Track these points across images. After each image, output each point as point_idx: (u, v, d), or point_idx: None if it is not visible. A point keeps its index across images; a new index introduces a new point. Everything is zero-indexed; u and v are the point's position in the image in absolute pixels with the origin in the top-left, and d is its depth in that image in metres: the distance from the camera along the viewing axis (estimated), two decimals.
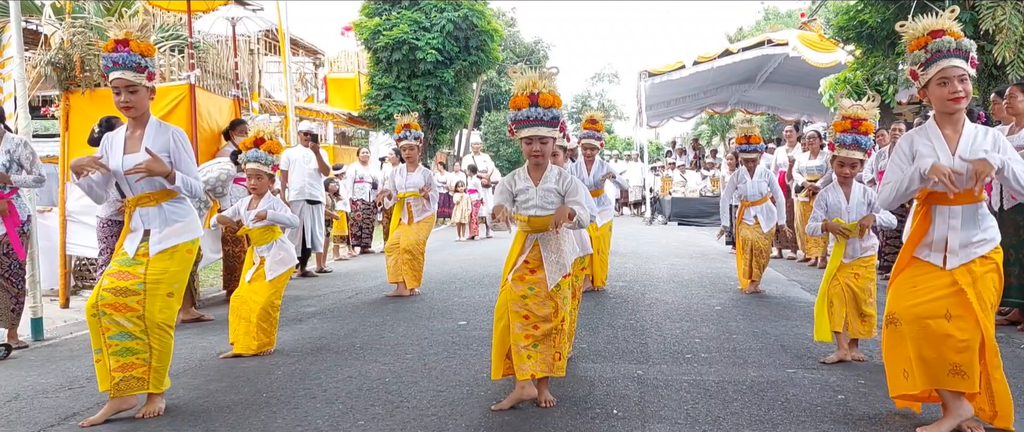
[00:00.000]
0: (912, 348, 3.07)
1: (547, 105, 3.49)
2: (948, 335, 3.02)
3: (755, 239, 6.81)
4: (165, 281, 3.55)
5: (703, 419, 3.38)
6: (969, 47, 3.04)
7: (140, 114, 3.61)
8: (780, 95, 20.23)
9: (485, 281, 7.85)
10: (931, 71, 3.07)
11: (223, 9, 9.67)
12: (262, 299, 4.74)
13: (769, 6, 30.95)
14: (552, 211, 3.54)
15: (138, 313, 3.46)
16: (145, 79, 3.56)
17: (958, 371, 3.01)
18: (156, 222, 3.60)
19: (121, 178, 3.60)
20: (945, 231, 3.09)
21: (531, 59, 31.10)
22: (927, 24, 3.10)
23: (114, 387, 3.49)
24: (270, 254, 4.85)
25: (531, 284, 3.55)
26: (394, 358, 4.62)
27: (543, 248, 3.57)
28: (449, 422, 3.40)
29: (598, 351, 4.69)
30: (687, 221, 16.43)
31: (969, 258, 3.06)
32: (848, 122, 4.33)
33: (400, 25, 17.57)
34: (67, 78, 6.80)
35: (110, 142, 3.66)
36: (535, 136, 3.53)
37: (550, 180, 3.59)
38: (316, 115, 16.83)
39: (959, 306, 3.03)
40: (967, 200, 3.06)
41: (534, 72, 3.58)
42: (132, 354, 3.48)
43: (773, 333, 5.16)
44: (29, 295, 5.43)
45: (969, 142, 3.07)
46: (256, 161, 4.80)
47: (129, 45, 3.51)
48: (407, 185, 7.03)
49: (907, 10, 8.43)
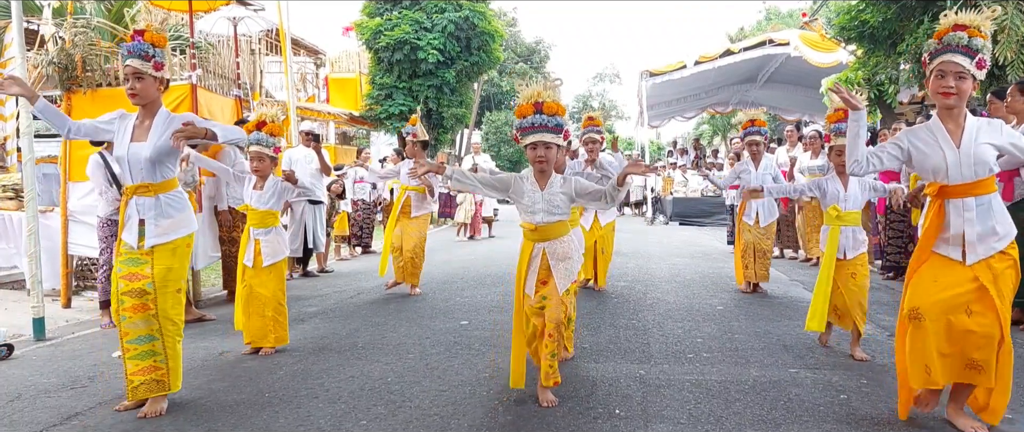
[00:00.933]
0: (933, 343, 3.07)
1: (551, 112, 3.59)
2: (969, 331, 3.02)
3: (756, 241, 6.79)
4: (172, 279, 3.63)
5: (705, 419, 3.38)
6: (980, 47, 3.04)
7: (147, 102, 3.66)
8: (781, 95, 20.22)
9: (487, 281, 7.85)
10: (934, 62, 3.12)
11: (224, 9, 9.68)
12: (269, 291, 4.82)
13: (770, 6, 30.97)
14: (560, 217, 3.66)
15: (152, 312, 3.55)
16: (152, 68, 3.61)
17: (975, 366, 3.02)
18: (151, 212, 3.63)
19: (124, 164, 3.65)
20: (961, 224, 3.10)
21: (532, 59, 31.12)
22: (958, 18, 3.11)
23: (132, 390, 3.58)
24: (267, 239, 4.89)
25: (544, 295, 3.65)
26: (396, 358, 4.63)
27: (551, 257, 3.65)
28: (451, 422, 3.40)
29: (600, 351, 4.69)
30: (688, 221, 16.42)
31: (989, 253, 3.07)
32: (842, 112, 4.48)
33: (401, 25, 17.58)
34: (69, 78, 6.80)
35: (121, 127, 3.69)
36: (540, 142, 3.60)
37: (556, 185, 3.67)
38: (317, 115, 16.84)
39: (979, 302, 3.04)
40: (980, 191, 3.08)
41: (539, 83, 3.71)
42: (152, 356, 3.58)
43: (775, 333, 5.16)
44: (31, 295, 5.43)
45: (972, 134, 3.09)
46: (258, 143, 4.84)
47: (143, 35, 3.64)
48: (410, 178, 7.11)
49: (909, 10, 8.45)
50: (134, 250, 3.60)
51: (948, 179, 3.11)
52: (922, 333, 3.11)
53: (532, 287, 3.67)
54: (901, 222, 7.43)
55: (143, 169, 3.62)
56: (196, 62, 6.92)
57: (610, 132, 39.19)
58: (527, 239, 3.73)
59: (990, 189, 3.11)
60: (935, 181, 3.17)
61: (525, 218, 3.72)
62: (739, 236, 7.01)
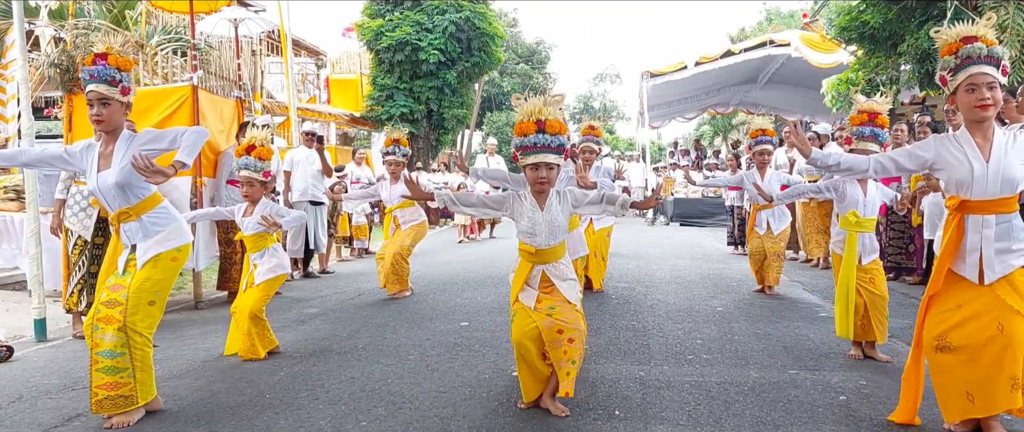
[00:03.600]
0: (981, 371, 2.98)
1: (554, 132, 3.42)
2: (1006, 346, 2.94)
3: (767, 246, 6.78)
4: (147, 290, 3.50)
5: (705, 420, 3.39)
6: (1001, 54, 3.00)
7: (112, 128, 3.56)
8: (782, 96, 20.21)
9: (487, 282, 7.85)
10: (960, 77, 3.03)
11: (226, 10, 9.70)
12: (249, 303, 4.72)
13: (771, 7, 30.94)
14: (561, 239, 3.54)
15: (119, 324, 3.42)
16: (119, 94, 3.52)
17: (1016, 385, 2.92)
18: (139, 236, 3.57)
19: (98, 195, 3.57)
20: (978, 241, 3.04)
21: (533, 60, 31.11)
22: (961, 30, 3.06)
23: (96, 403, 3.44)
24: (263, 261, 4.87)
25: (551, 304, 3.48)
26: (396, 359, 4.63)
27: (552, 277, 3.53)
28: (452, 423, 3.41)
29: (600, 352, 4.69)
30: (689, 222, 16.42)
31: (1007, 270, 3.01)
32: (865, 115, 4.43)
33: (402, 26, 17.60)
34: (70, 79, 6.81)
35: (87, 158, 3.59)
36: (541, 163, 3.44)
37: (553, 207, 3.52)
38: (318, 116, 16.85)
39: (1007, 317, 2.96)
40: (1003, 209, 3.02)
41: (540, 98, 3.52)
42: (117, 373, 3.44)
43: (775, 334, 5.16)
44: (33, 296, 5.43)
45: (1001, 148, 3.02)
46: (247, 169, 4.81)
47: (107, 59, 3.51)
48: (393, 198, 7.05)
49: (909, 11, 8.45)
50: (121, 277, 3.55)
51: (971, 194, 3.04)
52: (952, 363, 3.04)
53: (532, 302, 3.50)
54: (902, 223, 7.44)
55: (116, 196, 3.53)
56: (197, 63, 6.93)
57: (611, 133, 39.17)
58: (525, 260, 3.58)
59: (1012, 208, 3.03)
60: (957, 195, 3.09)
61: (525, 240, 3.56)
62: (749, 242, 7.00)
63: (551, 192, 3.56)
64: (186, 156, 3.47)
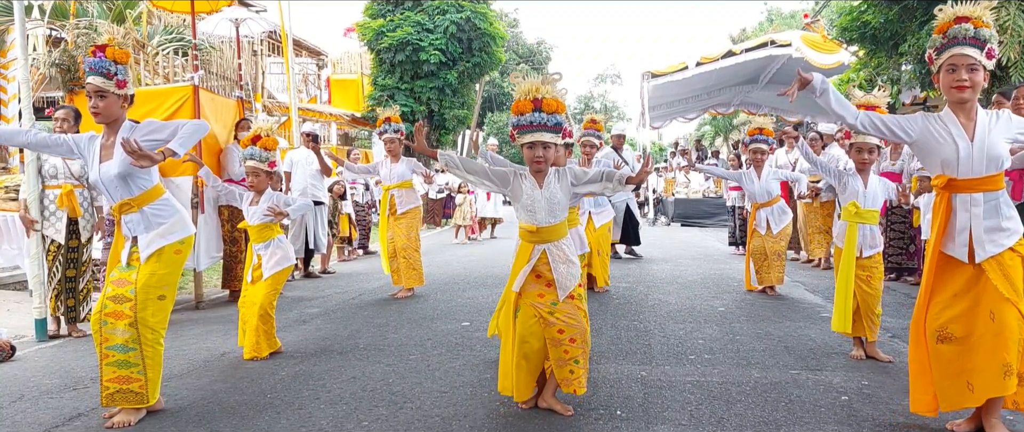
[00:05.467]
0: (975, 360, 3.01)
1: (550, 111, 3.40)
2: (998, 334, 2.98)
3: (767, 245, 6.78)
4: (154, 285, 3.51)
5: (707, 420, 3.38)
6: (988, 37, 3.01)
7: (111, 120, 3.59)
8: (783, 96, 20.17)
9: (488, 282, 7.85)
10: (942, 57, 3.07)
11: (227, 10, 9.71)
12: (259, 299, 4.72)
13: (772, 7, 30.98)
14: (561, 217, 3.51)
15: (130, 320, 3.44)
16: (114, 86, 3.53)
17: (1010, 372, 2.95)
18: (140, 227, 3.58)
19: (100, 186, 3.60)
20: (967, 220, 3.07)
21: (534, 60, 31.13)
22: (958, 10, 3.07)
23: (107, 397, 3.46)
24: (268, 252, 4.86)
25: (553, 300, 3.46)
26: (398, 359, 4.63)
27: (552, 258, 3.49)
28: (453, 423, 3.40)
29: (602, 352, 4.69)
30: (690, 222, 16.42)
31: (998, 250, 3.04)
32: (863, 106, 4.39)
33: (403, 26, 17.61)
34: (71, 79, 6.82)
35: (89, 150, 3.62)
36: (538, 142, 3.41)
37: (552, 184, 3.50)
38: (319, 116, 16.86)
39: (998, 305, 3.00)
40: (988, 187, 3.06)
41: (537, 77, 3.51)
42: (128, 367, 3.46)
43: (776, 334, 5.15)
44: (33, 296, 5.43)
45: (985, 127, 3.05)
46: (252, 158, 4.81)
47: (105, 51, 3.54)
48: (391, 176, 7.07)
49: (910, 11, 8.44)
50: (125, 270, 3.56)
51: (957, 172, 3.07)
52: (954, 353, 3.06)
53: (520, 283, 3.47)
54: (902, 223, 7.43)
55: (118, 187, 3.55)
56: (198, 63, 6.93)
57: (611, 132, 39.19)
58: (525, 240, 3.55)
59: (998, 186, 3.07)
60: (943, 174, 3.12)
61: (525, 218, 3.54)
62: (749, 242, 7.00)
63: (549, 170, 3.53)
64: (179, 146, 3.49)
